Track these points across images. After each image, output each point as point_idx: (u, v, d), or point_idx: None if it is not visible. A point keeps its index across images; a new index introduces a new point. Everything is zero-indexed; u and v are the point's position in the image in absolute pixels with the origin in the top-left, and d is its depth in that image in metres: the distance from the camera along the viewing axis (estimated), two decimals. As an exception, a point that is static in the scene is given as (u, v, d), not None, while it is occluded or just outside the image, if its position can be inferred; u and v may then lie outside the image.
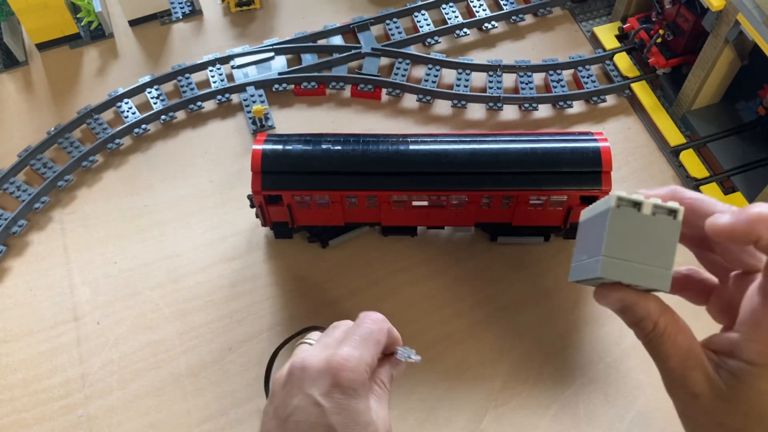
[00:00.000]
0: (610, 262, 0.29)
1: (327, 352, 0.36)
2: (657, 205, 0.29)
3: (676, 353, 0.29)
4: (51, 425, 0.54)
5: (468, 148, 0.55)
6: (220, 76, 0.73)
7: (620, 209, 0.29)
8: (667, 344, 0.29)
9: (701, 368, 0.29)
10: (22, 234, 0.64)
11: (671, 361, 0.29)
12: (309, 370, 0.35)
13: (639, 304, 0.30)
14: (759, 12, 0.56)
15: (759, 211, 0.27)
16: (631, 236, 0.29)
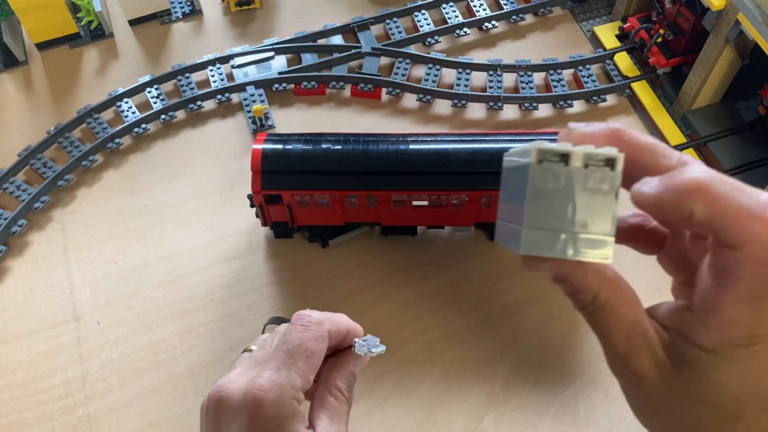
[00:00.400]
0: (534, 235, 0.23)
1: (248, 377, 0.30)
2: (589, 154, 0.23)
3: (618, 329, 0.25)
4: (51, 425, 0.54)
5: (468, 148, 0.55)
6: (220, 76, 0.73)
7: (543, 165, 0.23)
8: (609, 318, 0.25)
9: (648, 347, 0.25)
10: (22, 234, 0.64)
11: (613, 337, 0.25)
12: (224, 405, 0.29)
13: (575, 275, 0.24)
14: (759, 11, 0.56)
15: (690, 178, 0.22)
16: (560, 198, 0.23)
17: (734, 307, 0.23)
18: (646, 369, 0.25)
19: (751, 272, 0.22)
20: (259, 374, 0.29)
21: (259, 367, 0.30)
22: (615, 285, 0.25)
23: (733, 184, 0.23)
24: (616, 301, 0.25)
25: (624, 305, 0.25)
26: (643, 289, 0.59)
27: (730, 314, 0.23)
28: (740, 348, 0.23)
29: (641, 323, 0.25)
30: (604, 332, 0.26)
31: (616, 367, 0.26)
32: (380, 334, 0.56)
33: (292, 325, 0.32)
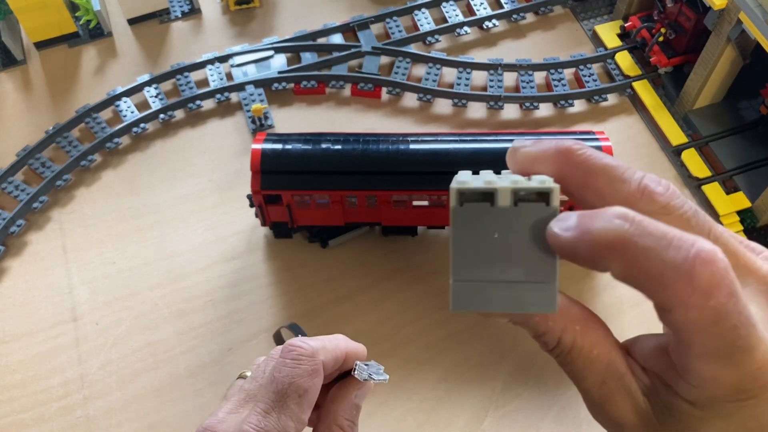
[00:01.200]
0: (465, 288, 0.20)
1: (237, 417, 0.27)
2: (517, 189, 0.19)
3: (591, 373, 0.22)
4: (50, 426, 0.54)
5: (469, 148, 0.55)
6: (219, 75, 0.73)
7: (465, 207, 0.19)
8: (579, 362, 0.23)
9: (625, 393, 0.22)
10: (20, 234, 0.63)
11: (586, 382, 0.23)
12: None
13: (532, 320, 0.22)
14: (761, 11, 0.56)
15: (607, 230, 0.19)
16: (489, 243, 0.20)
17: (704, 366, 0.20)
18: (625, 417, 0.22)
19: (696, 335, 0.19)
20: (247, 419, 0.27)
21: (250, 404, 0.28)
22: (583, 325, 0.23)
23: (660, 233, 0.19)
24: (584, 342, 0.22)
25: (595, 347, 0.22)
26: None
27: (704, 373, 0.20)
28: (729, 403, 0.20)
29: (616, 366, 0.22)
30: (576, 377, 0.23)
31: (594, 414, 0.24)
32: (380, 335, 0.56)
33: (282, 358, 0.28)
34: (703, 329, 0.19)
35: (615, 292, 0.59)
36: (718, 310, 0.18)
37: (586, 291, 0.59)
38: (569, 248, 0.19)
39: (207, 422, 0.28)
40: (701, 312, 0.18)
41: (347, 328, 0.56)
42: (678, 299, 0.19)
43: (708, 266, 0.18)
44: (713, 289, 0.18)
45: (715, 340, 0.19)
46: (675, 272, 0.18)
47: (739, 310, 0.18)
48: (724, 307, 0.18)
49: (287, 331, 0.41)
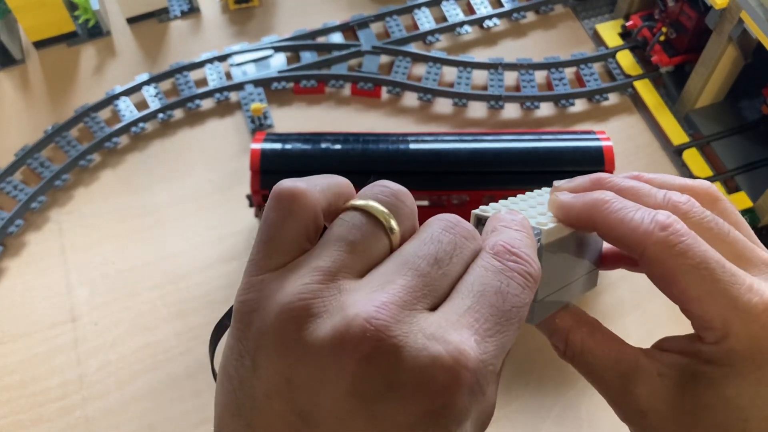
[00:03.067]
0: (540, 307, 0.24)
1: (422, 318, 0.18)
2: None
3: (606, 367, 0.24)
4: (48, 427, 0.53)
5: (469, 147, 0.55)
6: (219, 74, 0.72)
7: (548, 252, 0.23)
8: (590, 358, 0.24)
9: (643, 379, 0.23)
10: (18, 234, 0.63)
11: (605, 379, 0.24)
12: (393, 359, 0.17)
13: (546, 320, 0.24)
14: (763, 10, 0.56)
15: (594, 198, 0.23)
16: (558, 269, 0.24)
17: (707, 308, 0.22)
18: (647, 403, 0.23)
19: (682, 276, 0.21)
20: (461, 336, 0.17)
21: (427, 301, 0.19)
22: (589, 327, 0.24)
23: (632, 204, 0.23)
24: (594, 341, 0.24)
25: (605, 343, 0.24)
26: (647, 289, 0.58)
27: (711, 315, 0.22)
28: (747, 361, 0.22)
29: (629, 355, 0.24)
30: (595, 376, 0.24)
31: (619, 411, 0.24)
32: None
33: (504, 264, 0.20)
34: (687, 271, 0.21)
35: (616, 293, 0.58)
36: (675, 253, 0.21)
37: (587, 291, 0.58)
38: (566, 209, 0.23)
39: (371, 312, 0.17)
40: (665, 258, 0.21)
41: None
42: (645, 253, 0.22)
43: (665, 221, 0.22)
44: (669, 236, 0.21)
45: (701, 282, 0.21)
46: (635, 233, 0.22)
47: (698, 261, 0.21)
48: (683, 251, 0.21)
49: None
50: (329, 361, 0.17)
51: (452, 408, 0.17)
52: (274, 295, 0.18)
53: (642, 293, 0.59)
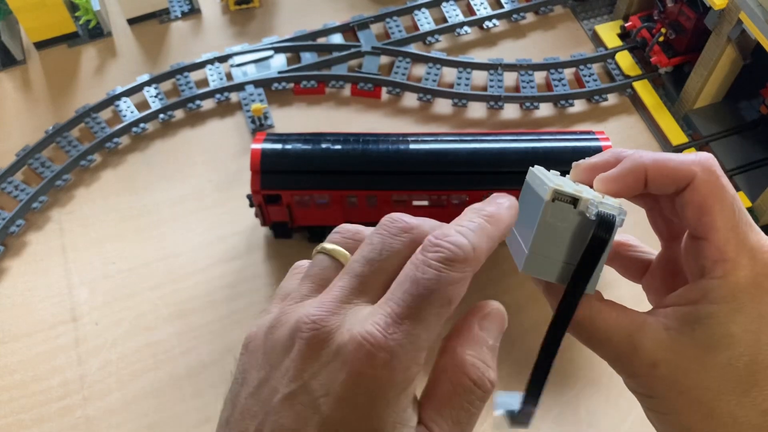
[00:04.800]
0: (536, 260, 0.26)
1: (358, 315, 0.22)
2: (597, 202, 0.25)
3: (614, 331, 0.26)
4: (49, 426, 0.53)
5: (469, 148, 0.55)
6: (219, 75, 0.73)
7: (555, 204, 0.25)
8: (599, 324, 0.26)
9: (651, 334, 0.25)
10: (20, 234, 0.63)
11: (612, 341, 0.26)
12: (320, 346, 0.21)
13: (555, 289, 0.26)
14: (761, 10, 0.56)
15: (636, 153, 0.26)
16: (563, 234, 0.25)
17: (722, 236, 0.24)
18: (656, 353, 0.25)
19: (710, 207, 0.24)
20: (371, 317, 0.20)
21: (366, 296, 0.22)
22: (596, 295, 0.27)
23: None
24: (599, 311, 0.26)
25: (611, 307, 0.26)
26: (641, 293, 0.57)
27: (725, 246, 0.24)
28: (749, 294, 0.24)
29: (635, 316, 0.26)
30: (602, 339, 0.26)
31: (628, 367, 0.26)
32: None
33: (424, 255, 0.21)
34: (722, 202, 0.24)
35: (615, 293, 0.58)
36: (718, 185, 0.24)
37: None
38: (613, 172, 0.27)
39: (315, 312, 0.21)
40: (710, 186, 0.24)
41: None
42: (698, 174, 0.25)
43: (708, 159, 0.25)
44: (713, 168, 0.25)
45: (731, 215, 0.24)
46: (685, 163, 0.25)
47: (733, 194, 0.24)
48: (723, 185, 0.24)
49: None
50: (283, 352, 0.22)
51: (372, 378, 0.20)
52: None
53: (641, 293, 0.59)
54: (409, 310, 0.21)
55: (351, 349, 0.20)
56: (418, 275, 0.21)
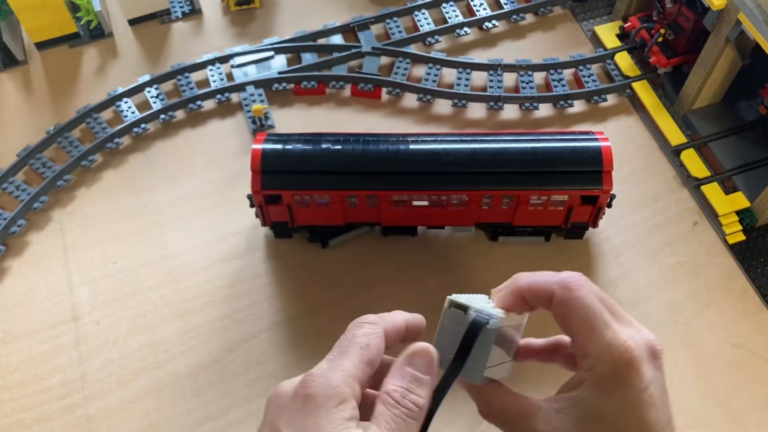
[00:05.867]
0: (441, 357, 0.31)
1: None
2: (478, 310, 0.31)
3: (516, 416, 0.32)
4: (50, 426, 0.54)
5: (468, 148, 0.55)
6: (220, 76, 0.73)
7: (451, 310, 0.32)
8: (505, 412, 0.32)
9: (544, 418, 0.31)
10: (21, 234, 0.64)
11: (517, 425, 0.32)
12: (279, 397, 0.29)
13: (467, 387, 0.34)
14: (760, 11, 0.56)
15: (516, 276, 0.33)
16: (457, 335, 0.31)
17: (582, 339, 0.31)
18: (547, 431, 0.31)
19: (568, 319, 0.31)
20: (318, 365, 0.30)
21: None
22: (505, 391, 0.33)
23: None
24: (506, 400, 0.32)
25: (514, 398, 0.32)
26: (644, 289, 0.58)
27: (585, 345, 0.31)
28: (611, 383, 0.30)
29: (533, 403, 0.32)
30: (507, 424, 0.32)
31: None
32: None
33: (350, 327, 0.32)
34: (578, 312, 0.31)
35: (614, 293, 0.59)
36: (572, 298, 0.31)
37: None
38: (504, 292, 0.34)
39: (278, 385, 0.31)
40: (565, 301, 0.31)
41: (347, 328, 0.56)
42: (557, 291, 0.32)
43: (567, 278, 0.32)
44: (570, 284, 0.32)
45: (586, 321, 0.31)
46: (547, 283, 0.32)
47: (587, 303, 0.31)
48: (578, 297, 0.31)
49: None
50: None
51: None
52: None
53: (640, 293, 0.59)
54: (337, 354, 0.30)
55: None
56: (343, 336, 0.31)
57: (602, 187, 0.55)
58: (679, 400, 0.53)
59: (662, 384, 0.31)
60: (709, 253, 0.61)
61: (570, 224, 0.58)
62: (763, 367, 0.55)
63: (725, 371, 0.55)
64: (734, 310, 0.58)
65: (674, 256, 0.61)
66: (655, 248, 0.61)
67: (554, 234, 0.61)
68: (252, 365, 0.56)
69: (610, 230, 0.62)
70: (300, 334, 0.54)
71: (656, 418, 0.30)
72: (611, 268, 0.60)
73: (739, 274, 0.60)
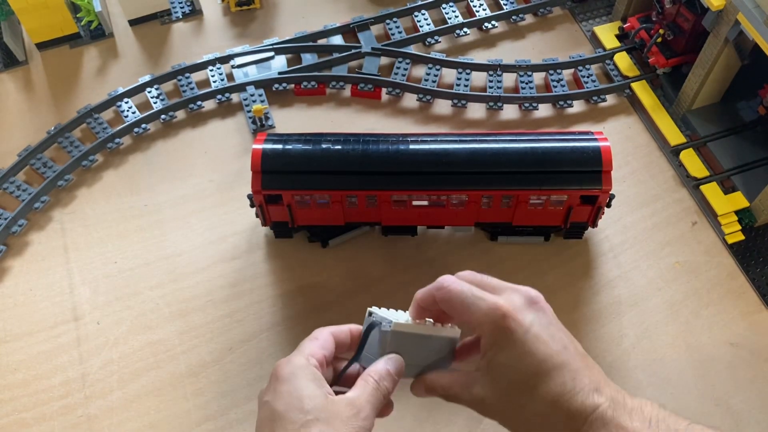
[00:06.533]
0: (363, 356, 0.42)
1: None
2: (379, 316, 0.42)
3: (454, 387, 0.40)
4: (51, 425, 0.54)
5: (468, 148, 0.55)
6: (220, 76, 0.73)
7: (370, 316, 0.42)
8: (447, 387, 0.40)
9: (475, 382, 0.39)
10: (22, 234, 0.64)
11: (456, 394, 0.40)
12: (265, 387, 0.40)
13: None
14: (759, 11, 0.56)
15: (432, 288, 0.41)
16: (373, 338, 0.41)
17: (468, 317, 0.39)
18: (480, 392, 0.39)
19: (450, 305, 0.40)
20: None
21: None
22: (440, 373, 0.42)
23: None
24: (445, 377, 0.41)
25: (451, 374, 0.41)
26: (644, 288, 0.58)
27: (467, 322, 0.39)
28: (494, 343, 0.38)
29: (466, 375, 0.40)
30: (450, 395, 0.40)
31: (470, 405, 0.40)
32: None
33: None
34: (450, 303, 0.39)
35: (614, 292, 0.59)
36: (446, 293, 0.40)
37: (585, 290, 0.59)
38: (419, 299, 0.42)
39: None
40: (443, 296, 0.40)
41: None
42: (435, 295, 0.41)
43: (443, 278, 0.41)
44: (443, 282, 0.41)
45: (460, 305, 0.39)
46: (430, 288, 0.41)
47: (458, 290, 0.39)
48: (450, 290, 0.40)
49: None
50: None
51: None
52: None
53: (639, 292, 0.59)
54: (298, 347, 0.41)
55: None
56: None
57: (601, 187, 0.55)
58: (678, 400, 0.53)
59: (547, 321, 0.38)
60: (708, 253, 0.61)
61: (569, 224, 0.59)
62: (762, 366, 0.55)
63: (724, 371, 0.55)
64: (733, 310, 0.58)
65: (673, 256, 0.61)
66: (655, 248, 0.62)
67: (554, 234, 0.61)
68: (252, 365, 0.56)
69: (609, 230, 0.62)
70: (300, 334, 0.54)
71: (545, 350, 0.37)
72: (610, 268, 0.60)
73: (738, 274, 0.60)
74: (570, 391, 0.36)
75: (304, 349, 0.40)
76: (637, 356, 0.55)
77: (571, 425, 0.36)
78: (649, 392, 0.53)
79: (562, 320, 0.57)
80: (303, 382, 0.38)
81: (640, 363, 0.55)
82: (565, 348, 0.38)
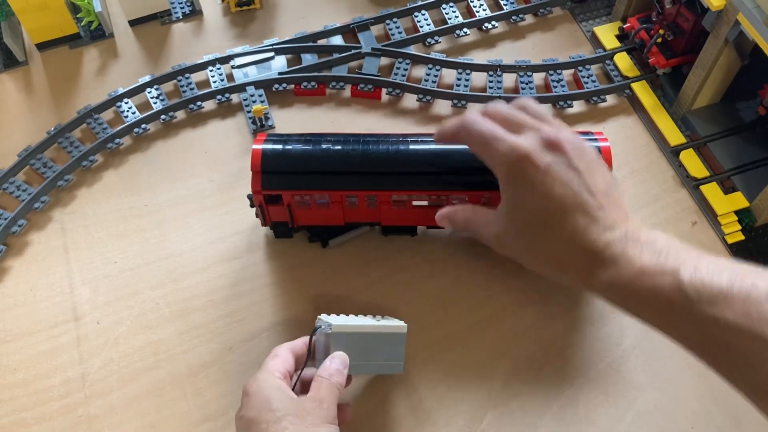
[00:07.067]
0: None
1: None
2: (324, 321, 0.48)
3: (479, 225, 0.46)
4: (51, 425, 0.54)
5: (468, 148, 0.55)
6: (220, 76, 0.73)
7: (319, 320, 0.49)
8: (472, 224, 0.46)
9: (495, 220, 0.44)
10: (22, 234, 0.64)
11: (480, 231, 0.46)
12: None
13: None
14: (759, 12, 0.56)
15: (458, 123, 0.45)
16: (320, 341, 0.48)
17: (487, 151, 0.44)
18: (497, 226, 0.45)
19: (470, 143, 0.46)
20: None
21: None
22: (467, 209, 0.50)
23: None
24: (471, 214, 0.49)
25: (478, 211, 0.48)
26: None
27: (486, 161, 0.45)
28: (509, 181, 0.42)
29: (490, 213, 0.46)
30: (476, 229, 0.47)
31: (492, 242, 0.46)
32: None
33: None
34: (470, 140, 0.45)
35: (614, 292, 0.59)
36: (467, 130, 0.44)
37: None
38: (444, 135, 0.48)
39: None
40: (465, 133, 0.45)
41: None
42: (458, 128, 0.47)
43: (468, 117, 0.45)
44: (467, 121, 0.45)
45: (480, 144, 0.44)
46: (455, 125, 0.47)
47: (478, 129, 0.43)
48: (471, 128, 0.44)
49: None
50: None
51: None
52: None
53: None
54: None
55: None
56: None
57: (601, 187, 0.55)
58: (678, 400, 0.53)
59: (567, 164, 0.39)
60: (708, 253, 0.61)
61: (569, 224, 0.59)
62: (762, 366, 0.55)
63: (724, 371, 0.55)
64: (733, 310, 0.58)
65: (673, 256, 0.61)
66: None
67: (554, 234, 0.61)
68: (252, 365, 0.56)
69: (609, 230, 0.62)
70: (300, 334, 0.54)
71: (561, 191, 0.38)
72: (610, 268, 0.60)
73: (738, 274, 0.60)
74: (584, 230, 0.37)
75: (268, 366, 0.45)
76: (637, 356, 0.55)
77: (584, 263, 0.37)
78: (649, 392, 0.53)
79: (563, 321, 0.57)
80: (270, 391, 0.43)
81: (640, 363, 0.55)
82: (585, 188, 0.38)
